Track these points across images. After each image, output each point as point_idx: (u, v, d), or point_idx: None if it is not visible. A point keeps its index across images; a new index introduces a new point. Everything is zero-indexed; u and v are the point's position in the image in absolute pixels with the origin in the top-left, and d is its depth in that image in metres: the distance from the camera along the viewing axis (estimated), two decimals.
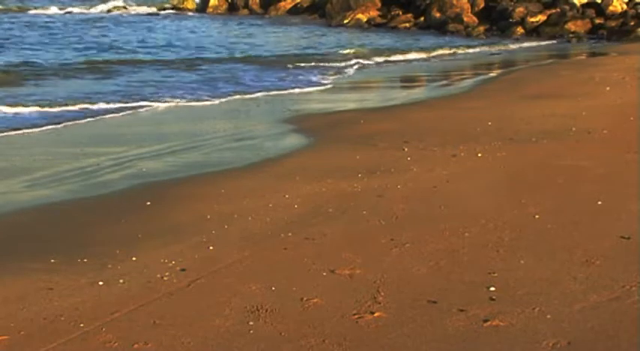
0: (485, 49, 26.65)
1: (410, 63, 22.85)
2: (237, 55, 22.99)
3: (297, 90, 16.54)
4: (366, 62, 22.25)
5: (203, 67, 19.94)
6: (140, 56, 22.12)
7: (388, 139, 10.29)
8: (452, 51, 25.55)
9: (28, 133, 11.44)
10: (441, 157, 9.13)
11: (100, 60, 20.76)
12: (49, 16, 40.87)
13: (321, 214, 6.96)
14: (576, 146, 9.61)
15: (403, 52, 24.80)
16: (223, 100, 15.06)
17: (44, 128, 11.72)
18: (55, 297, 5.18)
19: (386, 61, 22.76)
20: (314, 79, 18.29)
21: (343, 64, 21.53)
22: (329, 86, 17.32)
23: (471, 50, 26.11)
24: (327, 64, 21.12)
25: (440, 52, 25.19)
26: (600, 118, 11.42)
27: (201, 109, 14.06)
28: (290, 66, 20.34)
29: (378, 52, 24.45)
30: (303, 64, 20.72)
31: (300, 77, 18.51)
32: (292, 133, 11.42)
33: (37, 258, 5.97)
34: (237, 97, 15.45)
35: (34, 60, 20.42)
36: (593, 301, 4.96)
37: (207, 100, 14.86)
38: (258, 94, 15.74)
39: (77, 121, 12.33)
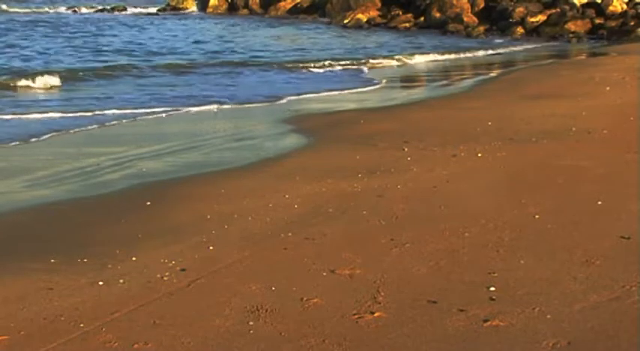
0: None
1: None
2: (281, 58, 22.60)
3: (360, 89, 16.75)
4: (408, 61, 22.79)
5: (240, 70, 19.91)
6: (174, 60, 21.69)
7: (388, 139, 10.29)
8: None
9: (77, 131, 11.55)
10: (441, 157, 9.12)
11: (119, 64, 20.38)
12: (58, 14, 40.99)
13: (321, 214, 6.96)
14: (576, 146, 9.60)
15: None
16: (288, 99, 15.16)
17: (91, 127, 11.84)
18: (55, 297, 5.18)
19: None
20: (368, 76, 18.78)
21: (393, 63, 22.20)
22: (384, 84, 17.67)
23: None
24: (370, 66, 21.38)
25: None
26: (600, 118, 11.41)
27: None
28: (336, 67, 20.67)
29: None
30: (351, 65, 21.09)
31: (353, 77, 18.94)
32: (292, 133, 11.42)
33: (37, 258, 5.97)
34: (303, 96, 15.59)
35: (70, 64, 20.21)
36: (593, 301, 4.95)
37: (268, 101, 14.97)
38: (324, 94, 15.94)
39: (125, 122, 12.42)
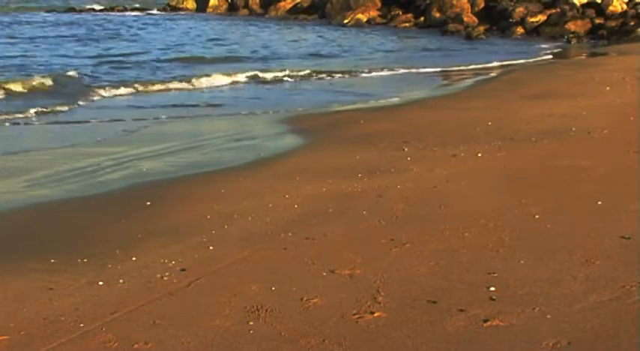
0: None
1: None
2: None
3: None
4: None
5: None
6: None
7: (388, 139, 10.29)
8: None
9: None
10: (441, 157, 9.12)
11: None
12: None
13: (321, 214, 6.96)
14: (576, 146, 9.60)
15: None
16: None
17: None
18: (55, 297, 5.18)
19: None
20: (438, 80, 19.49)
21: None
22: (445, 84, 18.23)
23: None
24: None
25: None
26: (600, 118, 11.41)
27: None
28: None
29: None
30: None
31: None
32: (292, 133, 11.42)
33: (37, 258, 5.96)
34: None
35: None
36: (593, 301, 4.95)
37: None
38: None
39: None
